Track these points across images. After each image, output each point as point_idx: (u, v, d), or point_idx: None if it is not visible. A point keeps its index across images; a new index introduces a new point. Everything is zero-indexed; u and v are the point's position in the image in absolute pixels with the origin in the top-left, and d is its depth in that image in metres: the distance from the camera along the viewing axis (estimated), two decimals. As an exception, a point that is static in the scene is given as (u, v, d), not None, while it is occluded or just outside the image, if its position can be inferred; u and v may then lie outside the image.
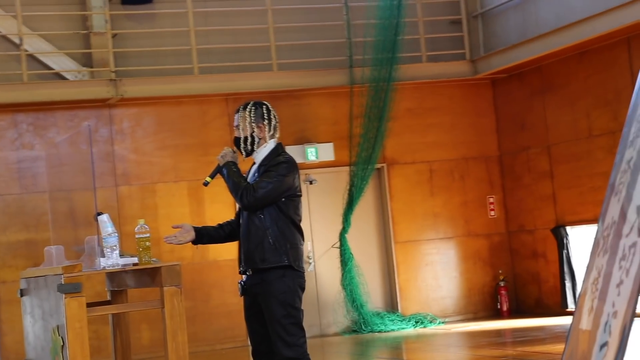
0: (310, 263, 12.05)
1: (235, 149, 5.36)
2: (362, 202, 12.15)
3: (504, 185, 12.89)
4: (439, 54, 12.76)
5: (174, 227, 5.45)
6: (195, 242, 5.44)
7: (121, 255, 5.18)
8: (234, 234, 5.45)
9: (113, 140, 11.54)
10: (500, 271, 12.64)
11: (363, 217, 12.35)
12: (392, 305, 12.47)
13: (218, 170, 5.31)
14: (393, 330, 11.87)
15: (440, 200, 12.70)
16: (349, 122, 12.09)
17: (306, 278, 5.42)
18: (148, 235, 5.18)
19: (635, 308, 3.06)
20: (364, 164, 11.99)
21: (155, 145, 11.71)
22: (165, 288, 5.04)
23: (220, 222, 5.51)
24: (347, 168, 12.09)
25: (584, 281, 3.77)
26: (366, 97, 12.00)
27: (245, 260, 5.23)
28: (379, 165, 12.38)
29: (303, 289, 5.29)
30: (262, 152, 5.29)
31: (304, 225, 5.39)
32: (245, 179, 5.25)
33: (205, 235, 5.45)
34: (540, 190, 12.23)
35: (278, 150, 5.30)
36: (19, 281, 6.15)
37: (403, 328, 11.94)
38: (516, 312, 12.53)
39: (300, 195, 5.34)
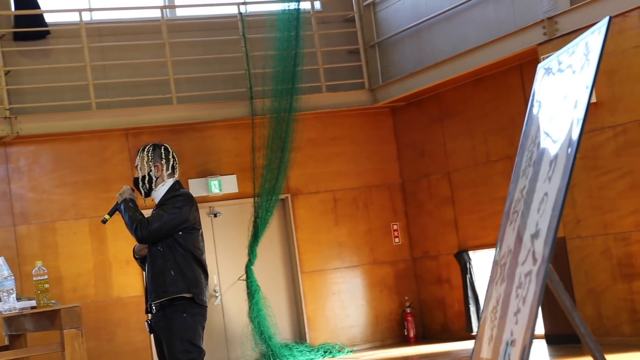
0: (217, 297, 11.94)
1: (134, 189, 5.46)
2: (268, 233, 12.11)
3: (407, 212, 13.02)
4: (338, 84, 12.86)
5: None
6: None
7: (18, 298, 5.06)
8: None
9: (10, 178, 11.27)
10: (406, 298, 12.74)
11: (269, 248, 12.32)
12: (300, 336, 12.44)
13: (116, 208, 5.43)
14: (302, 361, 11.84)
15: (345, 229, 12.76)
16: (252, 153, 12.07)
17: (213, 312, 5.46)
18: (46, 277, 5.10)
19: (533, 336, 3.11)
20: (268, 195, 11.96)
21: (54, 183, 11.48)
22: (65, 331, 4.94)
23: None
24: (251, 200, 12.05)
25: (483, 310, 3.82)
26: (268, 128, 11.99)
27: (150, 293, 5.31)
28: (283, 196, 12.38)
29: (203, 327, 5.33)
30: (160, 191, 5.43)
31: (210, 258, 5.42)
32: (142, 213, 5.33)
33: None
34: (442, 216, 12.39)
35: (175, 187, 5.46)
36: None
37: (312, 358, 11.91)
38: (423, 337, 12.64)
39: (199, 229, 5.40)
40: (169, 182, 5.43)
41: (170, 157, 5.47)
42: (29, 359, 5.72)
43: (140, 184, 5.42)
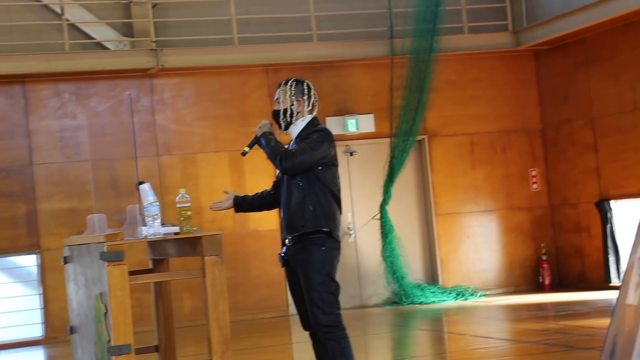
0: (350, 234, 12.02)
1: (273, 122, 5.48)
2: (403, 174, 12.09)
3: (546, 158, 12.76)
4: (480, 25, 12.62)
5: (225, 192, 5.65)
6: (236, 210, 5.59)
7: (162, 224, 5.18)
8: (275, 203, 5.55)
9: (154, 110, 11.58)
10: (542, 245, 12.55)
11: (404, 188, 12.30)
12: (432, 278, 12.44)
13: (256, 141, 5.46)
14: (434, 302, 11.84)
15: (481, 173, 12.61)
16: (390, 93, 12.01)
17: (347, 249, 5.48)
18: (189, 204, 5.18)
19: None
20: (404, 136, 11.92)
21: (195, 116, 11.73)
22: (206, 258, 5.03)
23: (262, 191, 5.58)
24: (387, 140, 12.03)
25: (630, 256, 3.70)
26: (407, 68, 11.90)
27: (287, 227, 5.34)
28: (420, 137, 12.31)
29: (338, 262, 5.37)
30: (299, 126, 5.44)
31: (345, 196, 5.43)
32: (283, 146, 5.37)
33: (244, 205, 5.59)
34: (583, 163, 12.09)
35: (314, 122, 5.50)
36: (62, 249, 6.20)
37: (444, 300, 11.90)
38: (558, 285, 12.44)
39: (337, 165, 5.43)
40: (308, 118, 5.45)
41: (312, 94, 5.49)
42: (170, 283, 5.89)
43: (281, 117, 5.44)
